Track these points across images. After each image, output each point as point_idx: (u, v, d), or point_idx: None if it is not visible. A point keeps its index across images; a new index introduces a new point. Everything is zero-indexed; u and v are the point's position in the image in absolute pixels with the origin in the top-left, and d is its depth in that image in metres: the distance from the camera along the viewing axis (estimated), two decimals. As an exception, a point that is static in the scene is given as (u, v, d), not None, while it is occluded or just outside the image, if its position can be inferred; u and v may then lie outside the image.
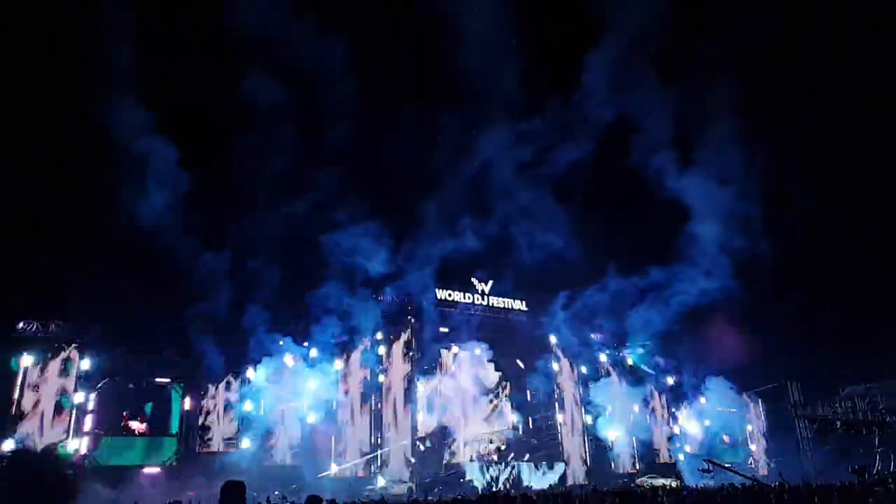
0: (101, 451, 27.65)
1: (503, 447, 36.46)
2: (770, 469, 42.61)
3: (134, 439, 28.78)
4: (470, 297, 38.27)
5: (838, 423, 35.22)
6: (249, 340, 31.04)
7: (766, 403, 46.64)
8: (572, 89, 38.38)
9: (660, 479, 34.54)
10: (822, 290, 46.32)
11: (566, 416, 37.62)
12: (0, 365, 26.52)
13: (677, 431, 42.30)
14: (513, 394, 39.04)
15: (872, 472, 25.49)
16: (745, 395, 46.17)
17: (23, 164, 31.33)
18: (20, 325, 27.44)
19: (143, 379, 29.45)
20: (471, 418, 36.19)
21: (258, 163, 34.80)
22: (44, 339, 27.66)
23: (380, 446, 31.51)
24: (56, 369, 27.31)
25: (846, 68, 40.63)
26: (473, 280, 38.86)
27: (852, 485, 18.74)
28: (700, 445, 43.01)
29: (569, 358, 39.02)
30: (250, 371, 30.72)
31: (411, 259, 35.29)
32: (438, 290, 36.79)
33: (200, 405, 29.91)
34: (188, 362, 30.31)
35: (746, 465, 41.74)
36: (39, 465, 22.63)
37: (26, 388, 26.58)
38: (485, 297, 38.87)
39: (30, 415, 26.32)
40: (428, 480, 31.29)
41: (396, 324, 34.37)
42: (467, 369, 35.99)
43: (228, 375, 30.70)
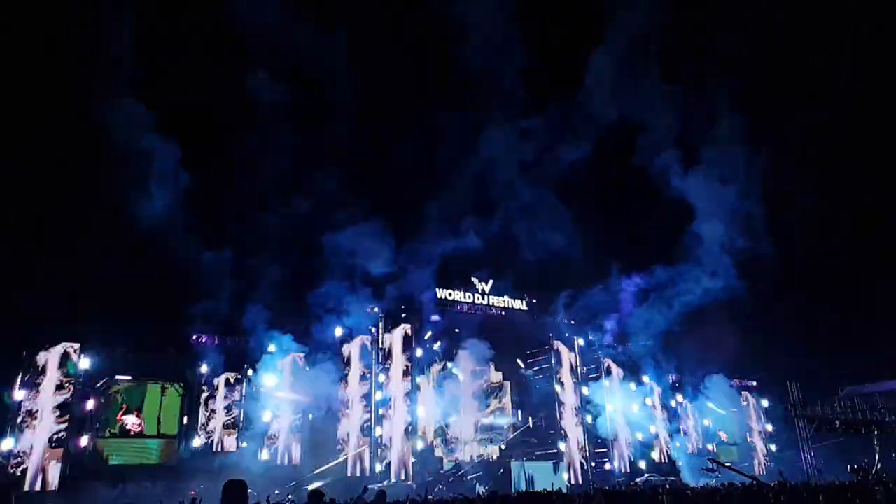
0: (101, 451, 27.67)
1: (503, 446, 36.50)
2: (769, 468, 42.64)
3: (133, 439, 28.79)
4: (470, 297, 38.31)
5: (838, 423, 35.22)
6: (249, 340, 31.10)
7: (765, 403, 46.66)
8: (574, 88, 38.53)
9: (659, 478, 34.56)
10: (822, 290, 46.41)
11: (566, 416, 37.63)
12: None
13: (677, 431, 42.30)
14: (513, 393, 39.05)
15: (872, 471, 25.51)
16: (745, 395, 46.20)
17: (23, 164, 31.36)
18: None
19: (142, 378, 29.46)
20: (471, 417, 36.23)
21: (259, 162, 34.87)
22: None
23: (379, 445, 31.51)
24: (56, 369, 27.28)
25: (846, 68, 40.69)
26: (473, 279, 38.88)
27: (852, 484, 18.76)
28: (700, 445, 43.06)
29: (569, 357, 39.03)
30: (250, 371, 30.73)
31: (411, 258, 35.33)
32: (439, 289, 36.79)
33: (200, 405, 29.92)
34: (188, 362, 30.33)
35: (746, 465, 41.75)
36: None
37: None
38: (485, 297, 38.89)
39: None
40: (430, 479, 31.30)
41: (396, 323, 34.38)
42: (467, 368, 36.00)
43: (228, 375, 30.70)
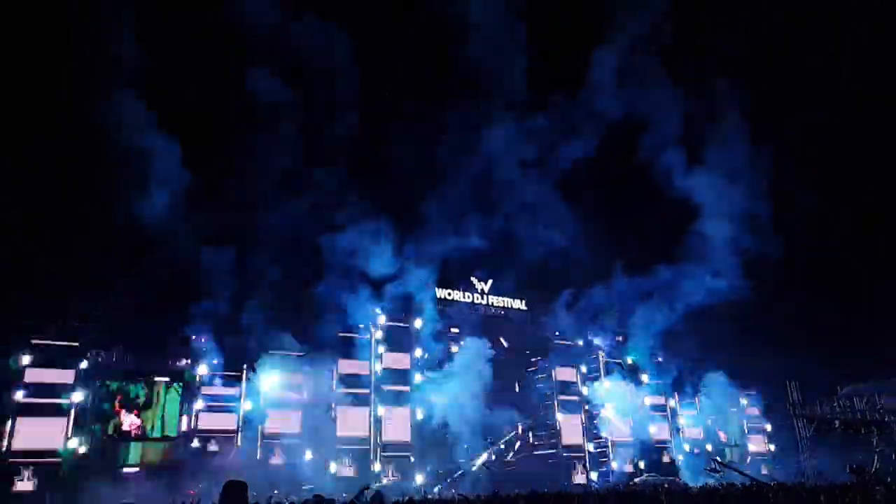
0: (101, 451, 27.68)
1: (503, 446, 36.51)
2: (769, 468, 42.62)
3: (133, 439, 28.78)
4: (470, 297, 38.32)
5: (837, 423, 35.25)
6: (249, 339, 31.08)
7: (764, 403, 46.63)
8: (576, 87, 38.48)
9: (659, 478, 34.56)
10: (822, 290, 46.42)
11: (566, 415, 37.64)
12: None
13: (677, 431, 42.31)
14: (513, 392, 39.04)
15: (871, 471, 25.51)
16: (745, 395, 46.17)
17: (23, 164, 31.36)
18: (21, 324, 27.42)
19: (142, 378, 29.47)
20: (470, 417, 36.18)
21: (259, 161, 34.82)
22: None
23: (379, 445, 31.51)
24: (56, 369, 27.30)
25: (846, 68, 40.69)
26: (473, 279, 38.88)
27: (851, 484, 18.75)
28: (699, 445, 43.03)
29: (569, 357, 39.02)
30: (250, 370, 30.71)
31: (412, 257, 35.30)
32: (438, 289, 36.79)
33: (200, 404, 29.90)
34: (188, 362, 30.31)
35: (744, 465, 41.72)
36: None
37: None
38: (484, 297, 38.90)
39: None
40: (430, 479, 31.35)
41: (397, 321, 34.39)
42: (467, 367, 35.95)
43: (228, 374, 30.68)
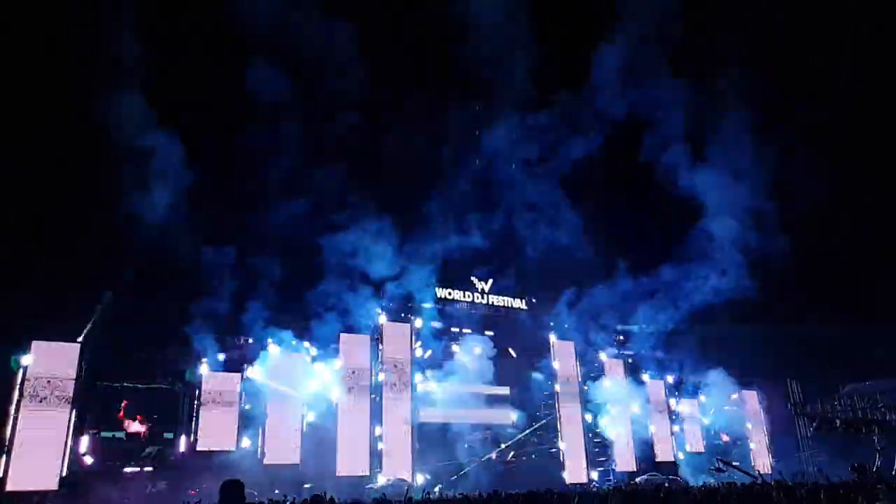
0: (101, 451, 27.65)
1: (503, 445, 36.49)
2: (770, 467, 42.62)
3: (133, 439, 28.76)
4: (470, 296, 38.28)
5: (838, 422, 35.28)
6: (250, 338, 31.07)
7: (765, 401, 46.65)
8: (580, 84, 38.39)
9: (660, 477, 34.56)
10: (822, 290, 46.44)
11: (566, 414, 37.61)
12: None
13: (677, 430, 42.32)
14: (513, 391, 39.03)
15: (872, 470, 25.53)
16: (746, 393, 46.18)
17: (23, 164, 31.32)
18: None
19: (142, 378, 29.43)
20: (471, 416, 36.19)
21: (260, 160, 34.82)
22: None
23: (380, 444, 31.46)
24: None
25: (846, 68, 40.68)
26: (473, 279, 38.83)
27: (852, 483, 18.74)
28: (700, 444, 43.04)
29: (569, 356, 39.01)
30: (251, 369, 30.71)
31: (413, 256, 35.30)
32: (439, 288, 36.75)
33: (200, 404, 29.87)
34: (188, 361, 30.27)
35: (745, 464, 41.73)
36: None
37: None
38: (485, 296, 38.86)
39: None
40: (430, 478, 31.34)
41: (397, 321, 34.37)
42: (468, 367, 35.97)
43: (229, 374, 30.65)
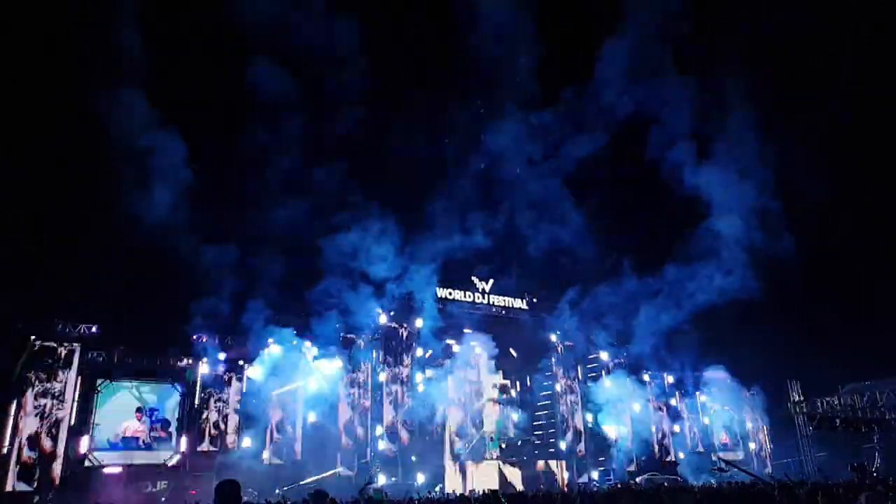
0: (101, 451, 27.65)
1: (504, 445, 36.48)
2: (770, 466, 42.62)
3: (134, 439, 28.77)
4: (471, 296, 38.20)
5: (838, 421, 35.28)
6: (250, 338, 31.03)
7: (766, 401, 46.64)
8: (585, 81, 38.27)
9: (660, 476, 34.54)
10: (822, 289, 46.43)
11: (567, 414, 37.62)
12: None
13: (678, 430, 42.31)
14: (514, 392, 39.02)
15: (872, 469, 25.55)
16: (746, 393, 46.17)
17: (23, 164, 31.33)
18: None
19: (143, 378, 29.43)
20: (472, 416, 36.20)
21: (260, 159, 34.77)
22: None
23: (381, 443, 31.47)
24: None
25: (846, 68, 40.65)
26: (473, 279, 38.77)
27: (852, 482, 18.75)
28: (700, 443, 43.04)
29: (570, 356, 39.02)
30: (251, 369, 30.69)
31: (413, 256, 35.22)
32: (439, 288, 36.67)
33: (201, 404, 29.86)
34: (188, 361, 30.27)
35: (745, 463, 41.72)
36: None
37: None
38: (485, 296, 38.80)
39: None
40: (430, 478, 31.33)
41: (397, 320, 34.33)
42: (468, 367, 35.97)
43: (229, 374, 30.65)
